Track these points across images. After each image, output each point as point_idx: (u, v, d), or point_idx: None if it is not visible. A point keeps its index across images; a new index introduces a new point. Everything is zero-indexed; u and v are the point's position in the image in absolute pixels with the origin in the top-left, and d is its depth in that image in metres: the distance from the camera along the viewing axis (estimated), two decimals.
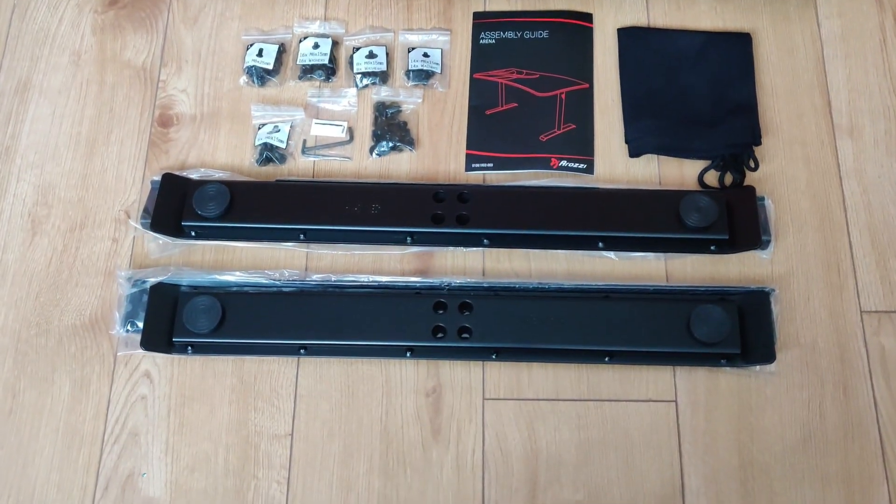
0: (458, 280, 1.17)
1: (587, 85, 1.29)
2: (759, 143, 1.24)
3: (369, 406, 1.14)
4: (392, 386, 1.15)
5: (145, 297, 1.16)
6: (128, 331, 1.16)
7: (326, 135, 1.28)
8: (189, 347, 1.15)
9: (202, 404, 1.15)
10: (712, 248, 1.17)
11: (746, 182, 1.22)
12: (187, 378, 1.16)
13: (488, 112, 1.28)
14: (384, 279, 1.17)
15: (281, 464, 1.12)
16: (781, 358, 1.14)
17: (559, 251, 1.20)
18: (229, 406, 1.14)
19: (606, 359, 1.13)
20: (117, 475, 1.12)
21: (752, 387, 1.14)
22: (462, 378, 1.15)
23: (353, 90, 1.30)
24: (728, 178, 1.23)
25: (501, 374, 1.15)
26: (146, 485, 1.11)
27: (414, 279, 1.17)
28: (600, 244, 1.18)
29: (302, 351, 1.15)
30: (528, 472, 1.11)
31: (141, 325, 1.15)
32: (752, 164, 1.22)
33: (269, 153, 1.25)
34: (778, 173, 1.24)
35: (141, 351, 1.14)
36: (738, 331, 1.12)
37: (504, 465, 1.11)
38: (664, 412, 1.13)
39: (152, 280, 1.16)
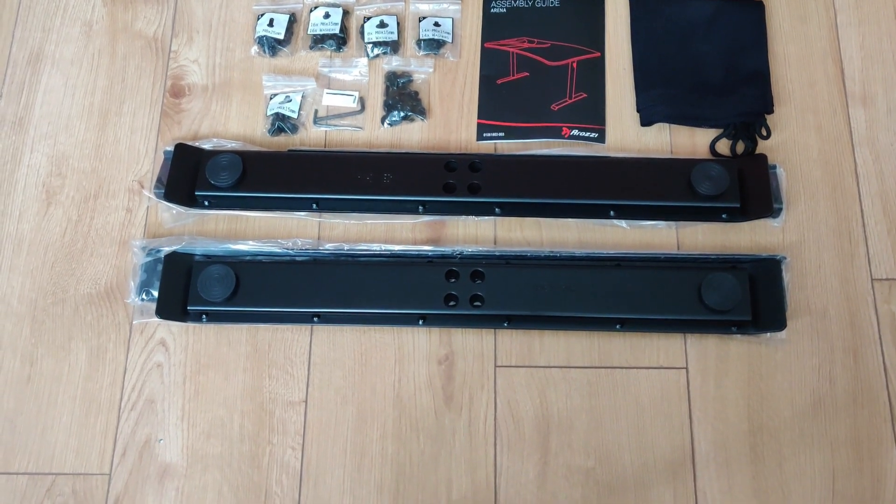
0: (469, 249, 1.18)
1: (598, 54, 1.29)
2: (771, 111, 1.24)
3: (382, 373, 1.15)
4: (405, 353, 1.16)
5: (160, 267, 1.17)
6: (143, 299, 1.17)
7: (338, 105, 1.28)
8: (203, 316, 1.16)
9: (217, 372, 1.16)
10: (724, 216, 1.17)
11: (758, 151, 1.22)
12: (202, 346, 1.17)
13: (499, 81, 1.28)
14: (396, 248, 1.18)
15: (296, 430, 1.13)
16: (792, 325, 1.15)
17: (570, 220, 1.20)
18: (244, 373, 1.16)
19: (618, 326, 1.14)
20: (135, 441, 1.13)
21: (762, 353, 1.14)
22: (474, 346, 1.16)
23: (364, 60, 1.30)
24: (740, 147, 1.23)
25: (513, 342, 1.16)
26: (163, 450, 1.13)
27: (426, 248, 1.18)
28: (612, 213, 1.18)
29: (315, 319, 1.16)
30: (540, 439, 1.12)
31: (156, 293, 1.16)
32: (764, 133, 1.22)
33: (281, 123, 1.26)
34: (790, 142, 1.24)
35: (156, 319, 1.16)
36: (749, 298, 1.12)
37: (516, 431, 1.13)
38: (674, 379, 1.14)
39: (167, 249, 1.18)
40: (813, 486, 1.09)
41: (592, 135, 1.24)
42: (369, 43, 1.30)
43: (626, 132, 1.26)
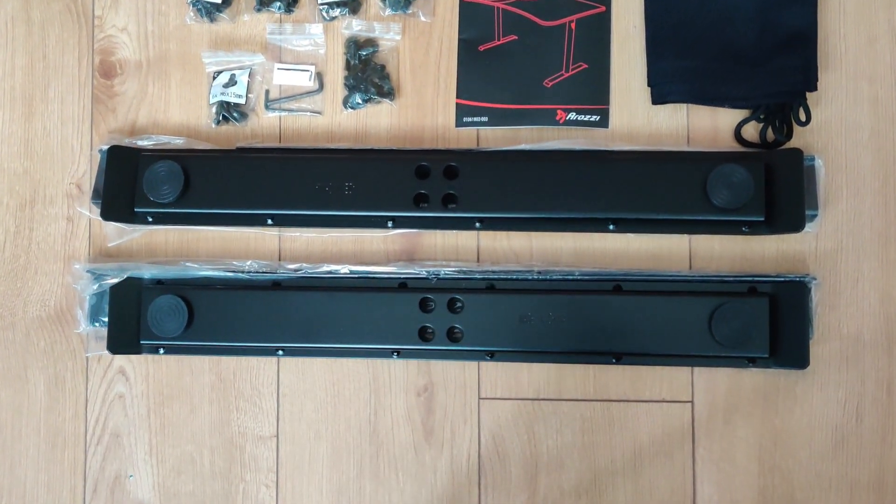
0: (447, 269, 1.03)
1: (603, 8, 1.04)
2: (813, 88, 1.00)
3: (356, 406, 1.06)
4: (380, 384, 1.06)
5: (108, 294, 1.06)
6: (96, 325, 1.07)
7: (292, 83, 1.08)
8: (160, 349, 1.06)
9: (182, 403, 1.08)
10: (744, 229, 0.99)
11: (794, 138, 1.01)
12: (163, 376, 1.08)
13: (482, 48, 1.06)
14: (364, 269, 1.04)
15: (268, 466, 1.07)
16: (817, 352, 1.00)
17: None
18: (210, 405, 1.08)
19: (613, 360, 1.00)
20: (104, 477, 1.08)
21: (779, 386, 1.01)
22: (456, 376, 1.05)
23: (319, 26, 1.07)
24: (771, 134, 1.01)
25: (498, 372, 1.04)
26: (134, 487, 1.08)
27: (398, 271, 1.03)
28: (611, 226, 1.00)
29: (280, 352, 1.05)
30: (528, 478, 1.03)
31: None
32: (802, 117, 1.00)
33: (226, 113, 1.07)
34: (836, 120, 1.02)
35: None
36: (768, 330, 0.97)
37: (502, 469, 1.04)
38: (678, 414, 1.02)
39: (112, 281, 1.05)
40: None
41: (593, 118, 1.03)
42: (323, 3, 1.07)
43: (635, 113, 1.04)
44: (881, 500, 0.99)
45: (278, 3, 1.07)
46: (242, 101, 1.08)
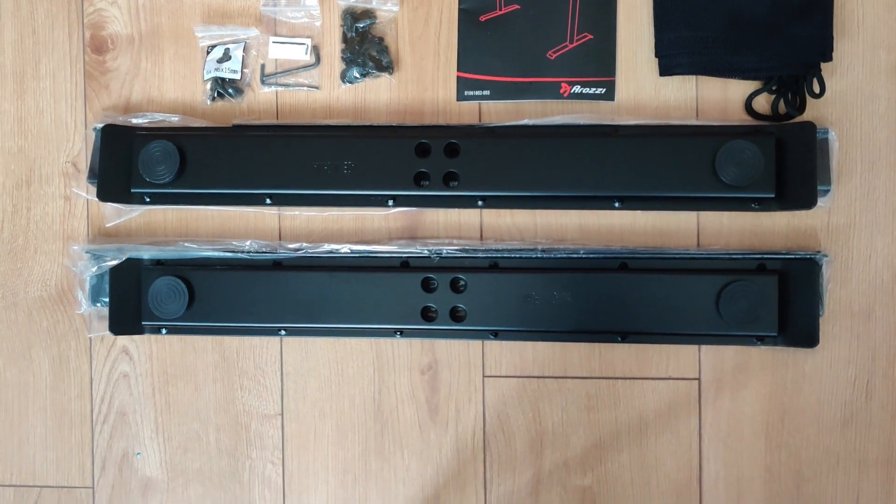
0: (449, 248, 1.01)
1: None
2: (829, 58, 0.96)
3: (361, 384, 1.05)
4: (384, 363, 1.05)
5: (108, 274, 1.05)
6: (97, 306, 1.07)
7: (287, 57, 1.05)
8: (162, 329, 1.05)
9: (186, 382, 1.08)
10: (754, 205, 0.96)
11: (807, 109, 0.97)
12: (167, 354, 1.08)
13: (483, 18, 1.02)
14: (365, 248, 1.02)
15: (274, 444, 1.07)
16: (827, 328, 0.98)
17: None
18: (214, 384, 1.07)
19: (618, 339, 0.99)
20: (112, 455, 1.09)
21: (788, 363, 0.99)
22: (460, 354, 1.04)
23: None
24: (783, 106, 0.97)
25: (503, 350, 1.03)
26: (142, 464, 1.09)
27: (399, 249, 1.02)
28: (617, 204, 0.98)
29: (282, 332, 1.04)
30: (533, 456, 1.03)
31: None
32: (816, 89, 0.96)
33: (221, 89, 1.05)
34: (851, 92, 0.98)
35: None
36: (776, 309, 0.95)
37: (507, 447, 1.04)
38: (684, 391, 1.01)
39: (111, 263, 1.04)
40: None
41: (598, 90, 1.00)
42: None
43: (642, 85, 1.01)
44: (889, 477, 0.99)
45: None
46: (237, 76, 1.05)
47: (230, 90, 1.05)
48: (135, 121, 1.05)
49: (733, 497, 1.00)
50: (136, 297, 1.05)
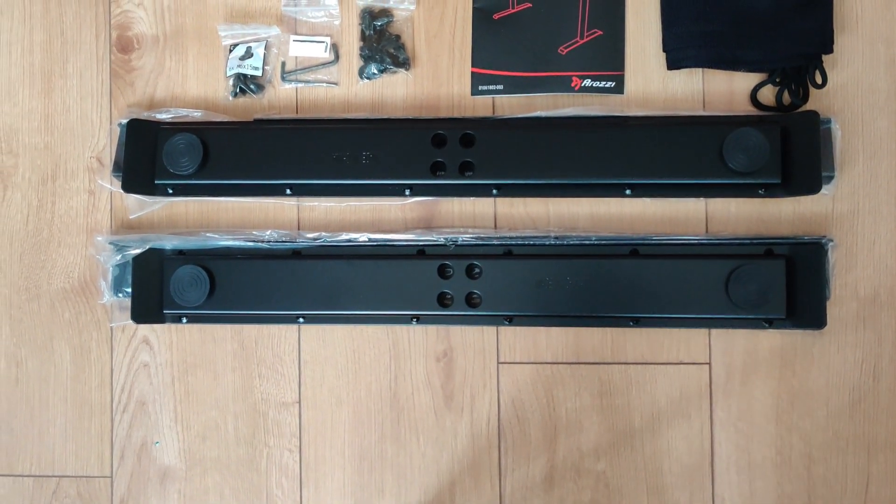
0: (465, 236, 1.04)
1: None
2: (829, 50, 1.00)
3: (377, 372, 1.07)
4: (400, 350, 1.07)
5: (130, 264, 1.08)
6: (120, 296, 1.09)
7: (307, 55, 1.09)
8: (183, 318, 1.08)
9: (205, 371, 1.10)
10: (761, 191, 0.99)
11: (810, 100, 1.01)
12: (186, 344, 1.10)
13: (496, 16, 1.06)
14: (382, 237, 1.05)
15: (291, 432, 1.09)
16: (834, 313, 1.00)
17: None
18: (233, 373, 1.09)
19: (631, 323, 1.01)
20: (131, 444, 1.11)
21: (796, 346, 1.02)
22: (475, 341, 1.06)
23: None
24: (787, 97, 1.01)
25: (517, 336, 1.05)
26: (160, 453, 1.10)
27: (416, 238, 1.04)
28: (627, 191, 1.01)
29: (301, 320, 1.06)
30: (547, 441, 1.05)
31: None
32: (818, 80, 1.00)
33: (243, 85, 1.08)
34: (852, 83, 1.02)
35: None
36: (784, 292, 0.98)
37: (521, 433, 1.05)
38: (696, 376, 1.03)
39: (134, 251, 1.07)
40: (843, 491, 1.01)
41: (608, 84, 1.04)
42: None
43: (650, 79, 1.04)
44: None
45: None
46: (259, 73, 1.08)
47: (252, 86, 1.08)
48: (159, 116, 1.09)
49: (745, 480, 1.02)
50: (158, 286, 1.07)
